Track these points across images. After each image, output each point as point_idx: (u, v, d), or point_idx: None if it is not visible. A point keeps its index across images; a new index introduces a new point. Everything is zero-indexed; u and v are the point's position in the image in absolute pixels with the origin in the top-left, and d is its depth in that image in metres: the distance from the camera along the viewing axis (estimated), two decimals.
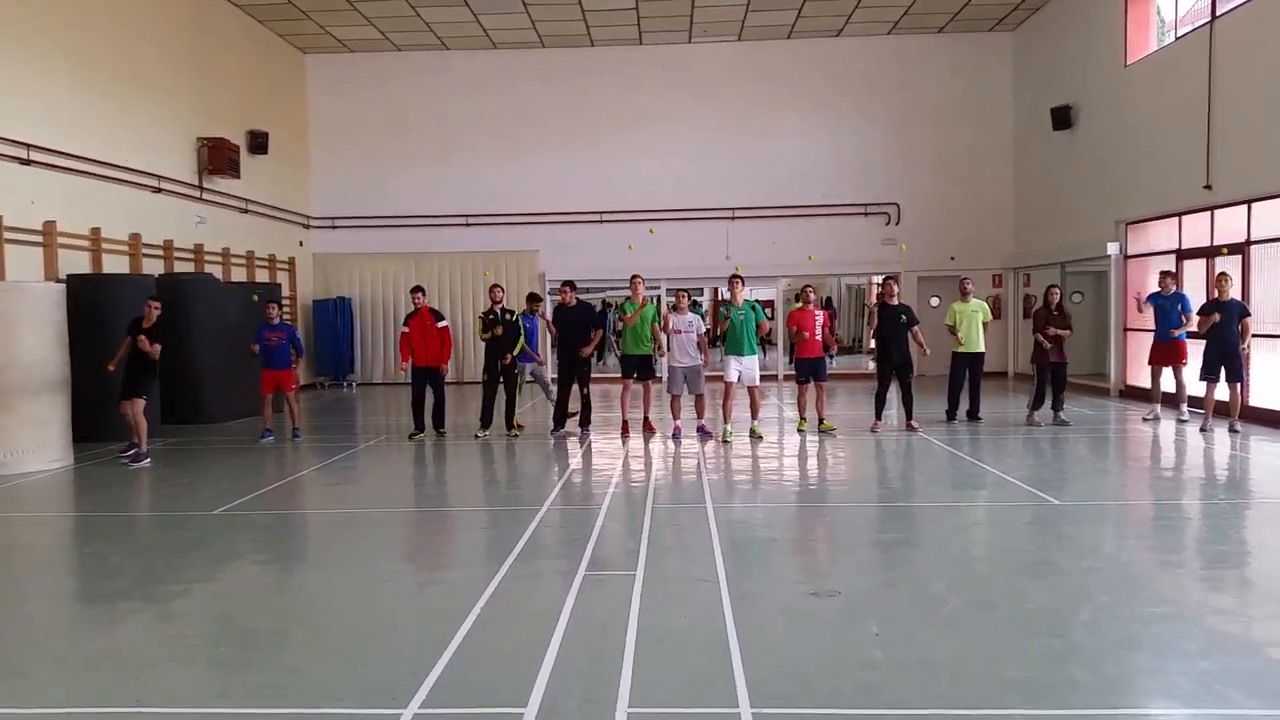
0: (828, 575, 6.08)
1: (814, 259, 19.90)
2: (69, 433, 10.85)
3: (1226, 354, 11.36)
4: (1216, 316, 11.24)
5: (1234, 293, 11.64)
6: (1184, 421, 12.24)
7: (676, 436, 11.77)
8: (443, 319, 12.47)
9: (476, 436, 12.24)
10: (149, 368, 10.84)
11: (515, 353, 12.27)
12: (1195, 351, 12.09)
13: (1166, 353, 12.47)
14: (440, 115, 21.34)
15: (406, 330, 12.39)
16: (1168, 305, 12.33)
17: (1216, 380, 11.55)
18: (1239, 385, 11.54)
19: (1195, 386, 12.24)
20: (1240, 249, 12.94)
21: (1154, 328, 12.65)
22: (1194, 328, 11.91)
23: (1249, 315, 11.58)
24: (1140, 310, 12.55)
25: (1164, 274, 12.68)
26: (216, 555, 6.79)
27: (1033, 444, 11.13)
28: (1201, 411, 11.89)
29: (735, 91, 21.11)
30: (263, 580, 6.26)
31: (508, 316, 12.28)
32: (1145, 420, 12.58)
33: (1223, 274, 11.73)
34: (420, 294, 12.63)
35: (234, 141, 17.35)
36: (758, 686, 4.09)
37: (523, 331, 12.48)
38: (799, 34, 20.62)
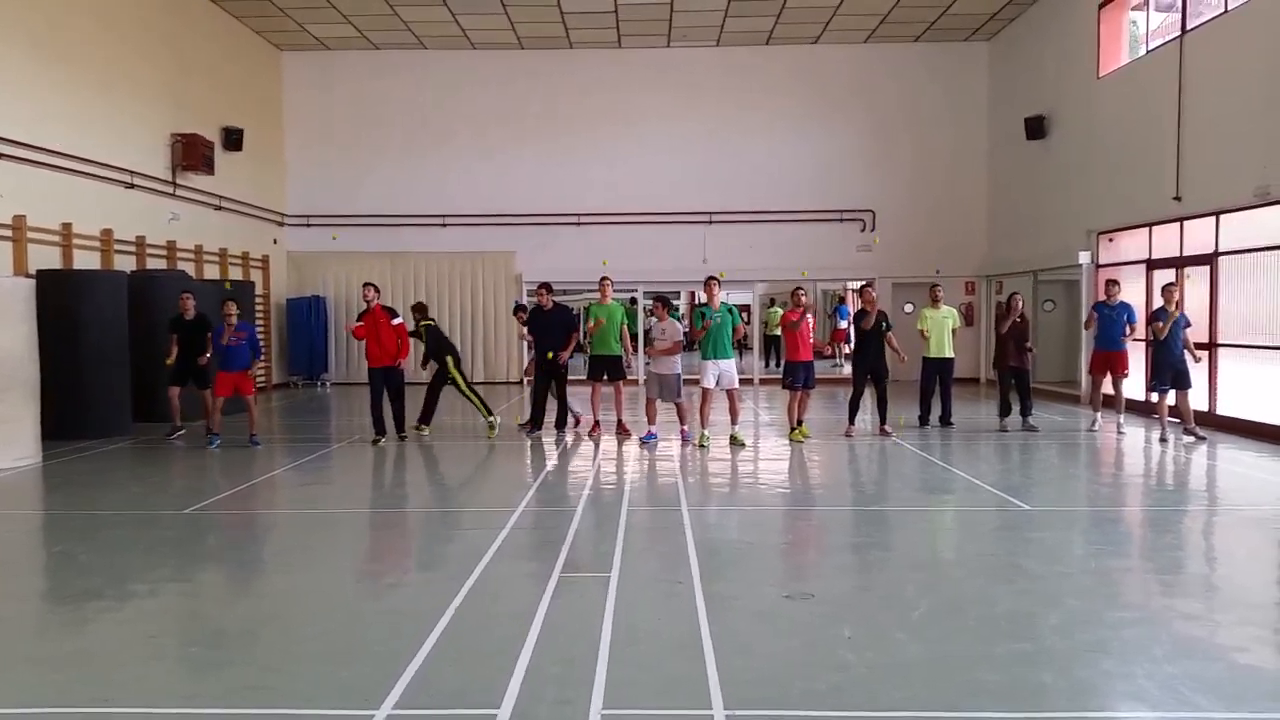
0: (801, 578, 6.13)
1: (805, 274, 20.05)
2: (38, 430, 10.70)
3: (1176, 365, 11.49)
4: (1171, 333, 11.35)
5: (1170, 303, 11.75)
6: (1123, 434, 12.14)
7: (648, 441, 11.60)
8: (396, 316, 12.05)
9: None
10: (201, 357, 12.17)
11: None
12: (1136, 361, 12.18)
13: (1108, 362, 12.46)
14: (417, 115, 21.26)
15: (359, 324, 11.98)
16: (1113, 315, 12.29)
17: (1168, 391, 11.65)
18: (1187, 392, 11.63)
19: (1139, 395, 12.26)
20: (1209, 260, 13.14)
21: (1096, 336, 12.65)
22: (1141, 337, 11.99)
23: (1190, 325, 11.72)
24: (1088, 326, 12.52)
25: (1109, 283, 12.75)
26: (187, 555, 6.74)
27: (1003, 450, 11.24)
28: (1156, 418, 11.99)
29: (713, 96, 21.18)
30: (233, 580, 6.22)
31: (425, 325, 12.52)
32: (1090, 430, 12.48)
33: (1170, 284, 11.93)
34: (372, 289, 12.11)
35: (208, 138, 17.20)
36: (731, 689, 4.12)
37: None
38: (777, 40, 20.72)
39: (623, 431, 12.22)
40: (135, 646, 4.82)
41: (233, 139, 18.26)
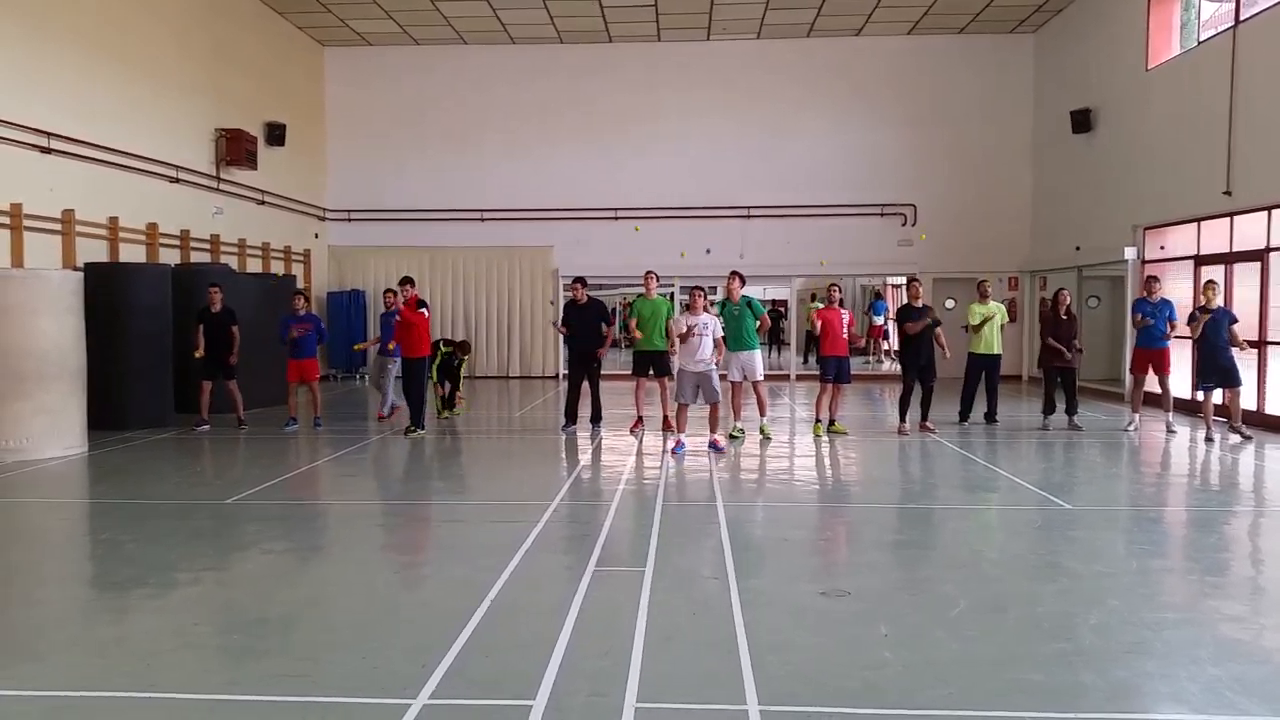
0: (837, 575, 6.08)
1: (825, 263, 19.95)
2: (85, 420, 10.92)
3: (1220, 363, 11.25)
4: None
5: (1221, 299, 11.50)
6: (1173, 433, 11.94)
7: (678, 452, 10.47)
8: (424, 305, 12.12)
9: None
10: (228, 351, 12.47)
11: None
12: (1180, 359, 11.92)
13: (1149, 360, 12.23)
14: (457, 110, 21.38)
15: (399, 320, 12.12)
16: (1154, 312, 12.05)
17: (1213, 389, 11.42)
18: (1237, 391, 11.40)
19: (1186, 394, 12.02)
20: (1260, 256, 12.86)
21: (1138, 334, 12.41)
22: (1186, 334, 11.77)
23: (1237, 321, 11.48)
24: (1136, 325, 12.30)
25: (1150, 279, 12.54)
26: (229, 544, 6.84)
27: (1044, 448, 11.08)
28: (1200, 417, 11.76)
29: (753, 90, 21.06)
30: (274, 569, 6.29)
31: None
32: (1127, 430, 12.17)
33: (1210, 281, 11.69)
34: (410, 286, 12.05)
35: (251, 133, 17.43)
36: (766, 684, 4.10)
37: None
38: (818, 33, 20.56)
39: (668, 428, 12.12)
40: (177, 633, 4.90)
41: (275, 134, 18.49)
